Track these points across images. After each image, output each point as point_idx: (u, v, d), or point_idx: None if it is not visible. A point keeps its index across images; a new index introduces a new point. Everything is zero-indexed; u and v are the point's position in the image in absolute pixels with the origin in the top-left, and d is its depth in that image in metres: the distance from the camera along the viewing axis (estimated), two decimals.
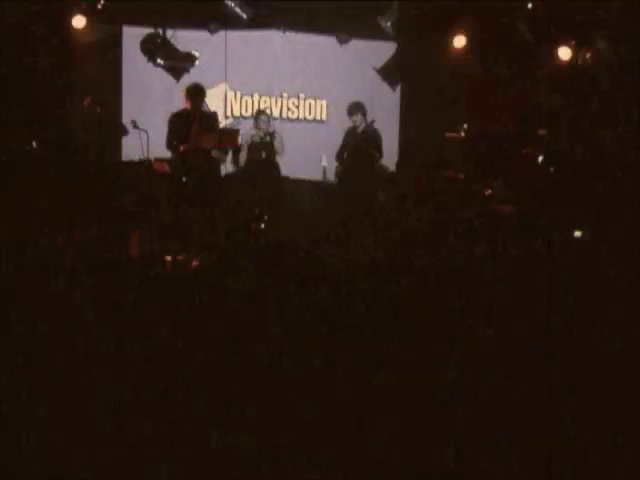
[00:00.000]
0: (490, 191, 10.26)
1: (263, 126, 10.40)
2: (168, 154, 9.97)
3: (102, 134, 9.85)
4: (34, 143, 9.65)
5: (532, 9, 10.76)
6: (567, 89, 10.97)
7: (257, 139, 10.35)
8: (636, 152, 10.21)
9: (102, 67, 10.68)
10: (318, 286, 4.69)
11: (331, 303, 4.52)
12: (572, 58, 11.16)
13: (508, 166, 10.53)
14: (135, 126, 9.53)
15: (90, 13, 10.37)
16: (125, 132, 10.00)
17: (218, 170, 10.15)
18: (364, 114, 10.40)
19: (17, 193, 9.20)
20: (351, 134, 10.42)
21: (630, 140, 10.21)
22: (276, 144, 10.30)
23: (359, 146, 10.27)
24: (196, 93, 9.66)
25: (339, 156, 10.47)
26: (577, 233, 9.55)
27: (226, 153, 10.24)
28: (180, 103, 10.12)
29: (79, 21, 10.38)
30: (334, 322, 4.34)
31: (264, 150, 10.25)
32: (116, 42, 10.83)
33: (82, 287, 4.31)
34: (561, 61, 11.17)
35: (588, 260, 5.22)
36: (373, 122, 10.40)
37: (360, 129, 10.38)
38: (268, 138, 10.29)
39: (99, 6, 10.36)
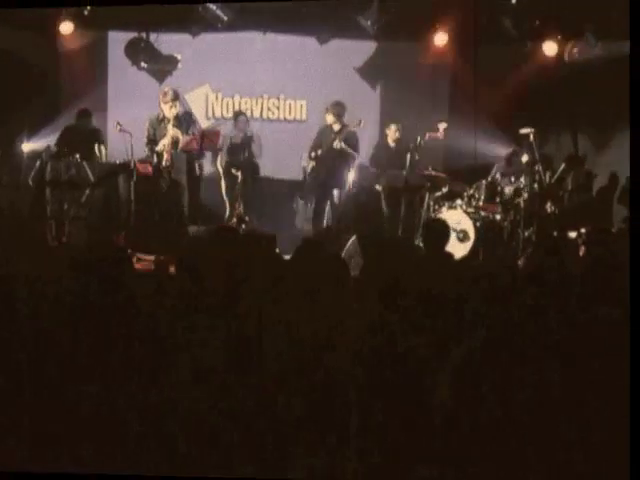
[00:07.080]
0: (471, 191, 10.21)
1: (242, 127, 10.51)
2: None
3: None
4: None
5: (516, 4, 10.73)
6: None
7: (236, 140, 10.45)
8: None
9: (89, 72, 10.96)
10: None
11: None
12: (558, 53, 11.13)
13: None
14: (120, 128, 9.76)
15: (77, 19, 10.64)
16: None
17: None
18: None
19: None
20: (326, 133, 10.16)
21: None
22: (254, 146, 10.30)
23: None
24: (170, 96, 9.83)
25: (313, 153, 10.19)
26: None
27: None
28: None
29: (66, 27, 10.67)
30: None
31: (242, 152, 10.28)
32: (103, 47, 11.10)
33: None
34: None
35: None
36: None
37: (338, 128, 10.06)
38: (247, 139, 10.33)
39: (86, 12, 10.61)
